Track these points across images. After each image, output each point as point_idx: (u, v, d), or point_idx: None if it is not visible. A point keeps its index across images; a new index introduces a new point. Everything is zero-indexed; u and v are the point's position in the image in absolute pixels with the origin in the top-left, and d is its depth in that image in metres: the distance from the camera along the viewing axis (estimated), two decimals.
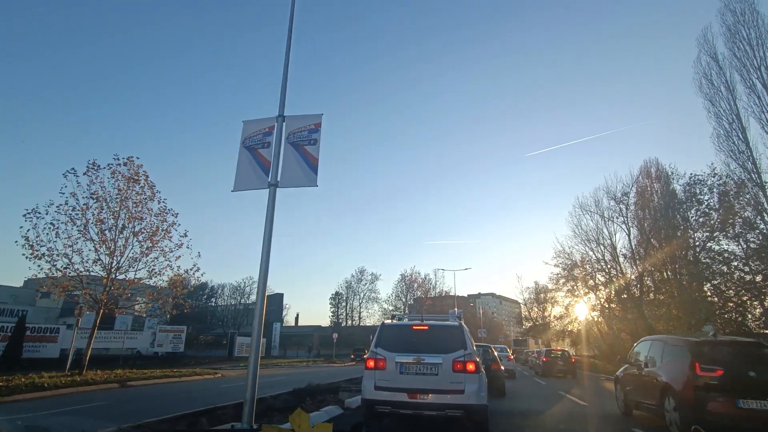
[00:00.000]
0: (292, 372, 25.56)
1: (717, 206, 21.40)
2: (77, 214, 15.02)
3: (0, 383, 10.95)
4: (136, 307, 19.63)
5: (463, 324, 6.91)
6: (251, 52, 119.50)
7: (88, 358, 15.68)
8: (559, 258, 33.27)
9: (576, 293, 33.42)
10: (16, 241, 14.24)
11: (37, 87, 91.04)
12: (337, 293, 74.52)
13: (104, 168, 15.67)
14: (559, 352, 23.87)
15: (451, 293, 58.35)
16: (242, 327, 52.77)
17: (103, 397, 11.50)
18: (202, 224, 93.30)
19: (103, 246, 15.41)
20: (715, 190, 21.56)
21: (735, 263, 20.92)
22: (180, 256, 16.94)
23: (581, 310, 35.04)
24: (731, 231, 20.80)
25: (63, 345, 23.19)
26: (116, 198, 15.75)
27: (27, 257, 14.33)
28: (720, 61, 20.30)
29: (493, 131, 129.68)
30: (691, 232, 23.29)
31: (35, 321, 26.78)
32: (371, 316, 71.36)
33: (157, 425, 6.20)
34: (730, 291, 21.38)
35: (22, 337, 21.36)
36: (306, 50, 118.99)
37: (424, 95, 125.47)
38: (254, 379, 4.59)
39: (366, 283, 72.70)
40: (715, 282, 21.95)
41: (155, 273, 16.56)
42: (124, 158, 16.06)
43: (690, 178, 22.85)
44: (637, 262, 26.67)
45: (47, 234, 14.61)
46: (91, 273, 15.69)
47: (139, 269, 16.29)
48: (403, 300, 65.57)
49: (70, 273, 15.00)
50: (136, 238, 16.09)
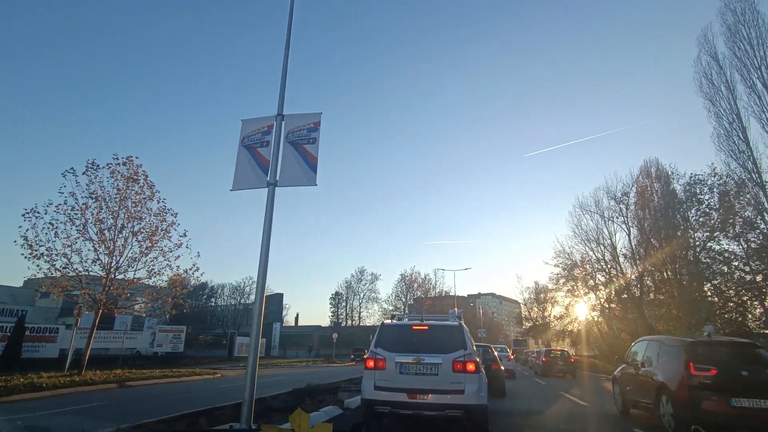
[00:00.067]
0: (292, 372, 25.53)
1: (717, 206, 21.39)
2: (76, 214, 15.00)
3: None
4: (136, 307, 19.58)
5: (463, 324, 6.88)
6: (250, 51, 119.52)
7: (87, 358, 15.66)
8: (559, 258, 33.32)
9: (576, 293, 33.42)
10: (15, 241, 14.24)
11: (37, 87, 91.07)
12: (337, 293, 74.55)
13: (103, 167, 15.66)
14: (559, 352, 24.03)
15: (451, 293, 58.37)
16: (242, 327, 52.72)
17: (101, 398, 11.47)
18: (202, 224, 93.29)
19: (102, 246, 15.37)
20: (715, 189, 21.56)
21: (735, 263, 20.90)
22: (179, 256, 16.94)
23: (581, 310, 35.05)
24: (731, 231, 20.77)
25: (62, 345, 23.15)
26: (115, 198, 15.73)
27: (26, 257, 14.33)
28: (720, 60, 20.31)
29: (492, 131, 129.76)
30: (692, 232, 23.26)
31: (35, 321, 26.73)
32: (371, 316, 71.39)
33: (156, 425, 6.16)
34: (731, 291, 21.33)
35: (22, 337, 21.32)
36: (305, 50, 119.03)
37: (423, 95, 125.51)
38: (253, 380, 4.56)
39: (366, 283, 72.75)
40: (716, 282, 21.91)
41: (154, 273, 16.55)
42: (123, 158, 16.06)
43: (690, 178, 22.86)
44: (637, 262, 26.64)
45: (46, 234, 14.61)
46: (90, 273, 15.66)
47: (139, 269, 16.29)
48: (403, 300, 65.54)
49: (69, 273, 14.96)
50: (135, 238, 16.06)
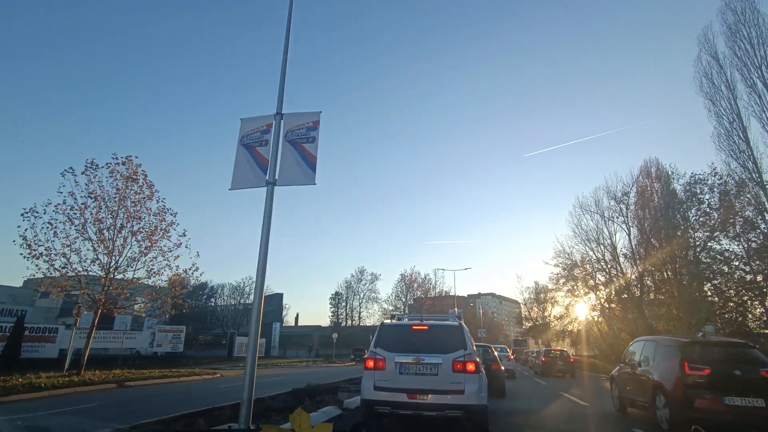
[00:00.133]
0: (292, 372, 25.50)
1: (718, 206, 21.37)
2: (75, 214, 14.97)
3: None
4: (135, 307, 19.55)
5: (463, 324, 6.86)
6: (250, 51, 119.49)
7: (86, 358, 15.64)
8: (559, 258, 33.31)
9: (576, 293, 33.40)
10: (14, 241, 14.22)
11: (37, 87, 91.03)
12: (336, 293, 74.58)
13: (102, 167, 15.65)
14: (558, 352, 24.29)
15: (451, 293, 58.34)
16: (242, 327, 52.67)
17: (100, 398, 11.44)
18: (202, 224, 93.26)
19: (102, 245, 15.35)
20: (715, 189, 21.55)
21: (735, 263, 20.87)
22: (179, 256, 16.92)
23: (581, 310, 35.04)
24: (732, 230, 20.75)
25: (62, 345, 23.12)
26: (114, 197, 15.70)
27: (25, 257, 14.31)
28: (720, 60, 20.29)
29: (492, 131, 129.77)
30: (692, 232, 23.24)
31: (34, 321, 26.70)
32: (371, 316, 71.41)
33: (154, 426, 6.14)
34: (731, 291, 21.31)
35: (21, 337, 21.28)
36: (305, 49, 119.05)
37: (423, 94, 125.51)
38: (251, 380, 4.53)
39: (366, 283, 72.78)
40: (716, 282, 21.89)
41: (154, 273, 16.54)
42: (122, 157, 16.05)
43: (691, 178, 22.86)
44: (638, 261, 26.61)
45: (45, 233, 14.59)
46: (90, 273, 15.63)
47: (138, 269, 16.29)
48: (403, 300, 65.53)
49: (68, 273, 14.93)
50: (134, 238, 16.04)
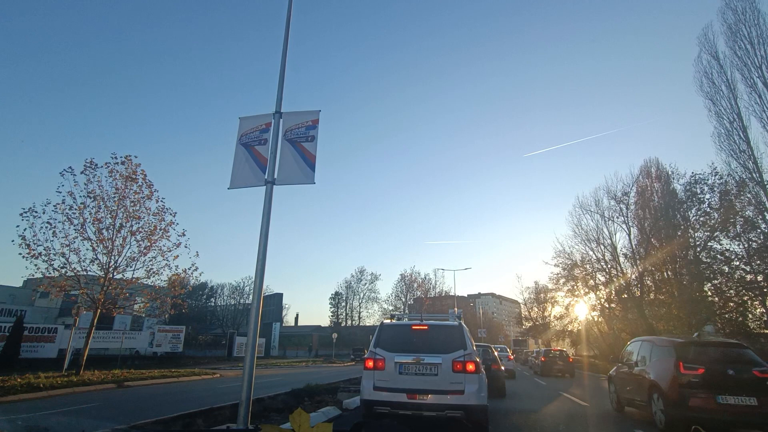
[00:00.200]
0: (291, 372, 25.46)
1: (718, 205, 21.33)
2: (74, 213, 14.90)
3: None
4: (135, 306, 19.50)
5: (463, 324, 6.83)
6: (249, 51, 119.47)
7: (85, 358, 15.59)
8: (559, 258, 33.27)
9: (576, 293, 33.35)
10: (13, 241, 14.17)
11: (37, 87, 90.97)
12: (336, 293, 74.54)
13: (102, 167, 15.58)
14: (558, 352, 24.59)
15: (451, 293, 58.30)
16: (241, 327, 52.66)
17: (99, 398, 11.40)
18: (201, 224, 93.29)
19: (101, 245, 15.29)
20: (716, 189, 21.52)
21: (736, 263, 20.83)
22: (178, 256, 16.86)
23: (581, 310, 35.02)
24: (732, 230, 20.72)
25: (61, 345, 23.09)
26: (114, 197, 15.63)
27: (24, 257, 14.24)
28: (721, 59, 20.29)
29: (492, 131, 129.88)
30: (692, 232, 23.22)
31: (34, 321, 26.69)
32: (371, 316, 71.40)
33: (153, 426, 6.10)
34: (731, 291, 21.28)
35: (20, 337, 21.25)
36: (305, 49, 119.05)
37: (423, 94, 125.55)
38: (250, 380, 4.50)
39: (366, 283, 72.76)
40: (716, 282, 21.87)
41: (153, 272, 16.46)
42: (121, 157, 15.97)
43: (691, 177, 22.82)
44: (638, 261, 26.57)
45: (44, 233, 14.52)
46: (89, 273, 15.58)
47: (137, 269, 16.21)
48: (403, 300, 65.45)
49: (67, 273, 14.88)
50: (133, 238, 15.97)
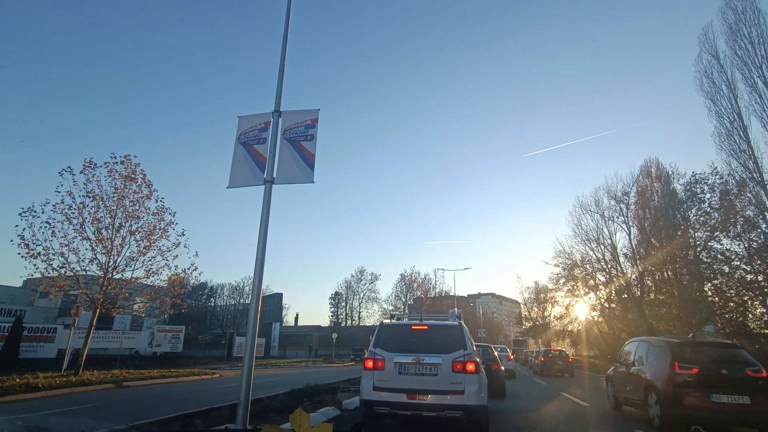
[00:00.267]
0: (291, 372, 25.44)
1: (718, 205, 21.29)
2: (73, 213, 14.88)
3: None
4: (134, 306, 19.47)
5: (463, 324, 6.80)
6: (248, 50, 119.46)
7: (84, 358, 15.57)
8: (559, 258, 33.18)
9: (576, 293, 33.29)
10: (12, 240, 14.15)
11: (36, 87, 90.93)
12: (336, 293, 74.52)
13: (101, 166, 15.55)
14: (557, 352, 24.76)
15: (451, 293, 58.26)
16: (241, 327, 52.63)
17: (97, 398, 11.37)
18: (201, 224, 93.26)
19: (100, 245, 15.26)
20: (716, 189, 21.46)
21: (736, 263, 20.79)
22: (177, 256, 16.84)
23: (581, 310, 34.98)
24: (732, 230, 20.67)
25: (60, 345, 23.05)
26: (113, 196, 15.60)
27: (23, 256, 14.22)
28: (721, 59, 20.21)
29: (492, 131, 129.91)
30: (692, 232, 23.17)
31: (33, 321, 26.66)
32: (371, 316, 71.39)
33: (151, 426, 6.07)
34: (731, 291, 21.25)
35: (19, 337, 21.21)
36: (305, 49, 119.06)
37: (423, 94, 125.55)
38: (248, 380, 4.47)
39: (366, 283, 72.76)
40: (716, 282, 21.81)
41: (152, 272, 16.45)
42: (121, 156, 15.95)
43: (691, 177, 22.76)
44: (638, 261, 26.53)
45: (43, 233, 14.50)
46: (88, 272, 15.55)
47: (137, 269, 16.20)
48: (403, 300, 65.42)
49: (66, 272, 14.85)
50: (132, 237, 15.95)
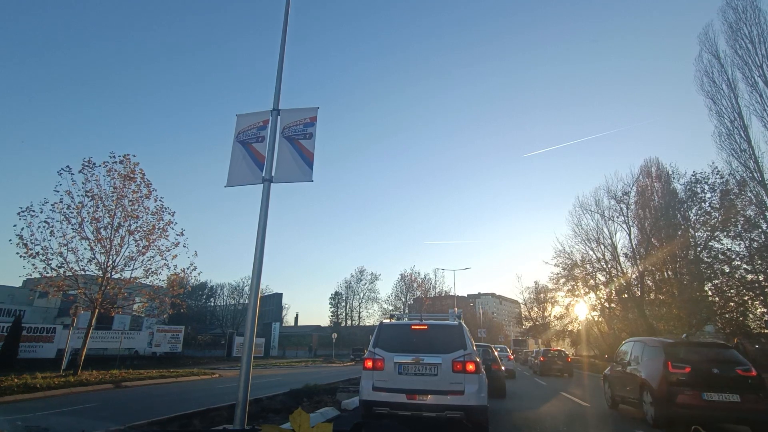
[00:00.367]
0: (291, 372, 25.40)
1: (718, 205, 21.24)
2: (72, 213, 14.82)
3: None
4: (134, 306, 19.42)
5: (463, 324, 6.77)
6: (247, 49, 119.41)
7: (83, 358, 15.52)
8: (559, 258, 33.17)
9: (576, 293, 33.26)
10: (10, 240, 14.11)
11: (36, 87, 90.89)
12: (336, 293, 74.45)
13: (100, 166, 15.50)
14: (556, 352, 24.81)
15: (451, 293, 58.22)
16: (241, 327, 52.53)
17: (96, 398, 11.33)
18: (200, 223, 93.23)
19: (99, 245, 15.21)
20: (716, 188, 21.41)
21: (737, 262, 20.75)
22: (177, 255, 16.77)
23: (581, 309, 34.94)
24: (733, 230, 20.63)
25: (59, 345, 23.03)
26: (112, 196, 15.54)
27: (21, 256, 14.16)
28: (721, 58, 20.19)
29: (492, 131, 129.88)
30: (692, 232, 23.12)
31: (33, 321, 26.63)
32: (371, 316, 71.33)
33: (149, 427, 6.03)
34: (732, 291, 21.21)
35: (18, 337, 21.19)
36: (304, 49, 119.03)
37: (423, 94, 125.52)
38: (247, 380, 4.43)
39: (366, 283, 72.69)
40: (716, 281, 21.78)
41: (151, 272, 16.39)
42: (120, 156, 15.90)
43: (691, 177, 22.71)
44: (638, 261, 26.49)
45: (42, 233, 14.44)
46: (87, 272, 15.50)
47: (136, 268, 16.14)
48: (403, 300, 65.37)
49: (65, 272, 14.80)
50: (132, 237, 15.90)
